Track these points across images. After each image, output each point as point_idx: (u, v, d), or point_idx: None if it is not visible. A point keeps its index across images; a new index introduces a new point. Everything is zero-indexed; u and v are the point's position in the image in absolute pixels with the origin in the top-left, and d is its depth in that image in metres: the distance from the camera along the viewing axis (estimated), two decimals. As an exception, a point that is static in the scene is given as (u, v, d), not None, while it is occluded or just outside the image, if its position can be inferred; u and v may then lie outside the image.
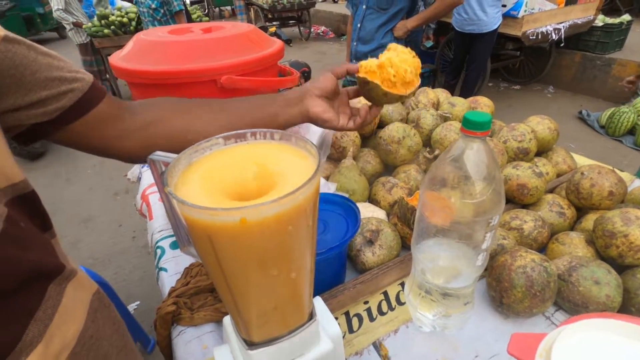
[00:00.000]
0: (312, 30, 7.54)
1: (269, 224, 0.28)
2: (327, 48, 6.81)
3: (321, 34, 7.76)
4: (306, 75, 0.95)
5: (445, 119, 1.05)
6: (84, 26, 4.03)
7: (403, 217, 0.75)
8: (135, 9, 4.05)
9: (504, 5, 3.18)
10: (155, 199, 1.02)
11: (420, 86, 0.68)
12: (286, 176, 0.32)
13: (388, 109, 1.05)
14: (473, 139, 0.44)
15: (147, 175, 1.15)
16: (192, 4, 6.68)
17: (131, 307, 1.93)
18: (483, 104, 1.10)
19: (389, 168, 1.01)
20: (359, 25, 1.97)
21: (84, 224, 2.61)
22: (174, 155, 0.36)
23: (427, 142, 1.02)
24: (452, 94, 3.52)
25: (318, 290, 0.63)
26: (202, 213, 0.27)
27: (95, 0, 4.51)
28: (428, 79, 4.22)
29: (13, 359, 0.31)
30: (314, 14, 7.89)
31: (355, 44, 2.03)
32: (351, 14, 2.11)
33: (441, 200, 0.49)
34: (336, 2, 8.65)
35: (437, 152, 0.97)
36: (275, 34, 1.88)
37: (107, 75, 4.42)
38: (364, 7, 1.92)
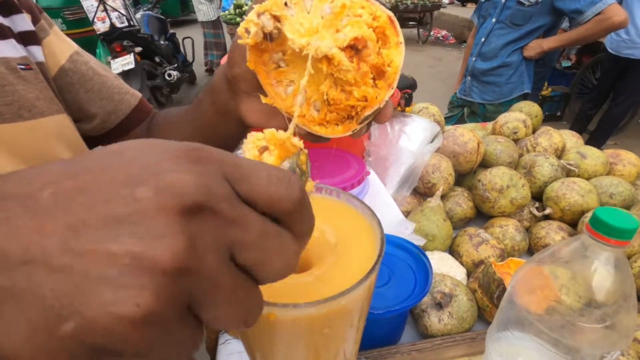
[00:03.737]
0: (431, 33, 7.18)
1: (300, 324, 0.24)
2: (445, 54, 6.40)
3: (441, 38, 7.33)
4: (407, 98, 0.87)
5: (568, 172, 0.86)
6: (221, 14, 4.54)
7: (486, 287, 0.63)
8: (265, 1, 4.38)
9: (685, 28, 2.52)
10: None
11: (548, 113, 0.39)
12: (338, 249, 0.28)
13: (496, 148, 0.91)
14: (602, 246, 0.33)
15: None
16: None
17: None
18: (627, 162, 0.87)
19: (482, 216, 0.88)
20: (482, 39, 1.77)
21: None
22: None
23: (538, 195, 0.86)
24: (587, 126, 3.00)
25: (366, 344, 0.57)
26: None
27: (235, -10, 5.01)
28: (558, 104, 3.65)
29: None
30: (437, 17, 7.47)
31: (474, 59, 1.83)
32: (475, 26, 1.91)
33: (548, 298, 0.39)
34: (465, 6, 8.06)
35: (548, 211, 0.80)
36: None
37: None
38: (494, 20, 1.71)
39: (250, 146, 0.23)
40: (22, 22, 0.41)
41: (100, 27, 3.59)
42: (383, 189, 0.82)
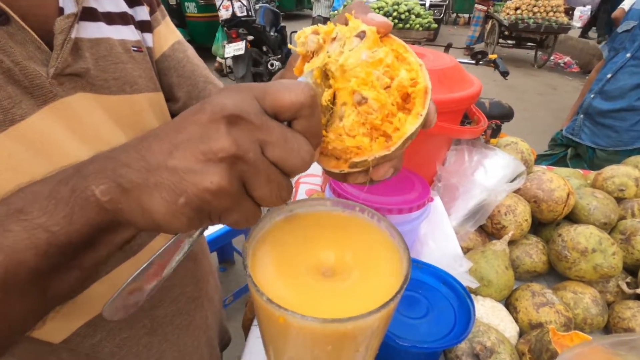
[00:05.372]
0: (551, 58, 6.45)
1: (305, 334, 0.25)
2: (562, 83, 5.70)
3: (562, 65, 6.54)
4: (494, 129, 0.81)
5: (681, 251, 0.71)
6: (331, 13, 4.76)
7: (536, 354, 0.56)
8: None
9: None
10: (303, 189, 1.12)
11: None
12: (360, 272, 0.29)
13: (590, 204, 0.79)
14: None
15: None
16: (430, 7, 6.73)
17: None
18: None
19: (555, 274, 0.78)
20: (609, 75, 1.54)
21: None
22: None
23: (634, 269, 0.73)
24: None
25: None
26: (253, 287, 0.26)
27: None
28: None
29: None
30: (562, 41, 6.68)
31: (592, 96, 1.61)
32: (604, 59, 1.67)
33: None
34: (600, 32, 7.04)
35: (641, 290, 0.68)
36: (493, 62, 1.67)
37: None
38: (628, 55, 1.48)
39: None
40: (142, 12, 0.48)
41: (224, 14, 4.00)
42: (446, 219, 0.78)
